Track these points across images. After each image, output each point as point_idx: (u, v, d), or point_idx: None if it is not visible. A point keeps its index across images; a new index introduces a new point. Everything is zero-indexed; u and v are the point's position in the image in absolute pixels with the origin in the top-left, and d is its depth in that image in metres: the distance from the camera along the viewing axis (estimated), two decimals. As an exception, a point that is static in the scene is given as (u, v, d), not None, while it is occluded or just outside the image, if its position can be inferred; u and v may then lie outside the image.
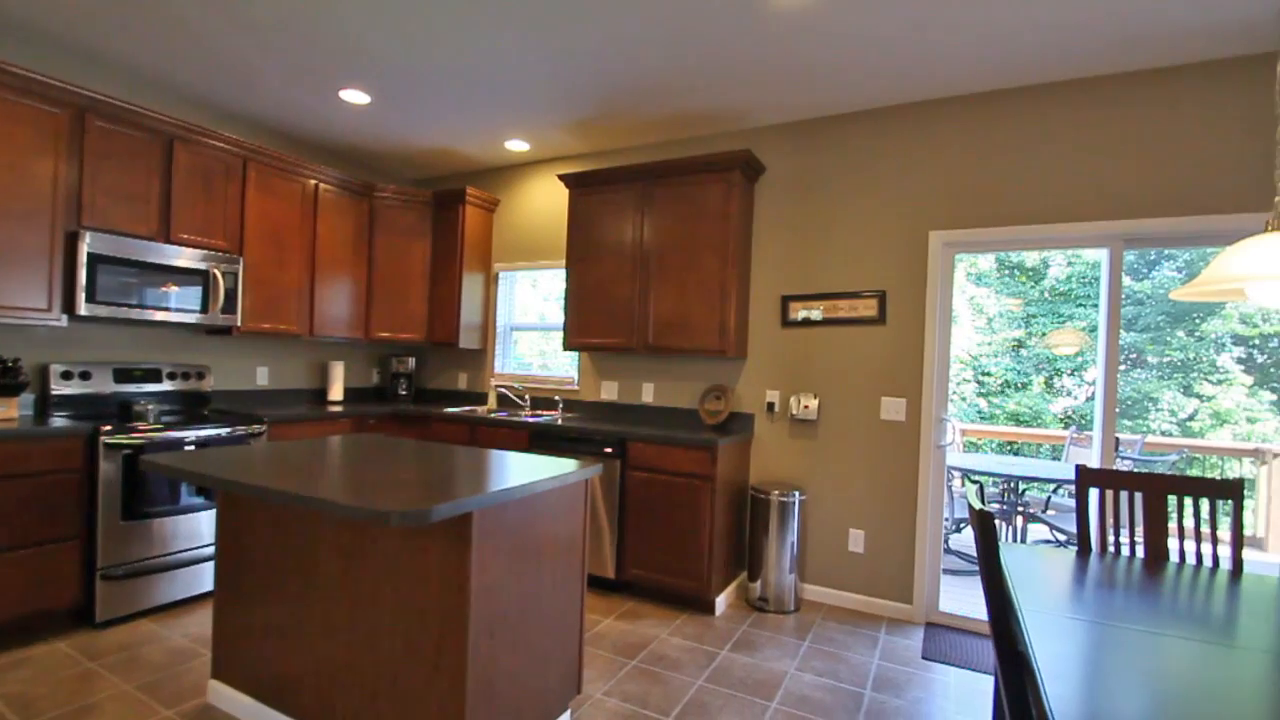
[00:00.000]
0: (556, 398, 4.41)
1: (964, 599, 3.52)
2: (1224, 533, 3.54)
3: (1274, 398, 6.96)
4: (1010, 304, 8.30)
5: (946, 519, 4.45)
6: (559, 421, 3.87)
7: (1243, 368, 7.21)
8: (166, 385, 3.58)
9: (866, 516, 3.47)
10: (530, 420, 3.85)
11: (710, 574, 3.24)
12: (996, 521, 1.91)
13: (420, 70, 3.27)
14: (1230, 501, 2.04)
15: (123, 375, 3.40)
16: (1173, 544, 2.14)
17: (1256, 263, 1.41)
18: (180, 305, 3.32)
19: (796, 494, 3.41)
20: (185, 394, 3.68)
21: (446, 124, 4.00)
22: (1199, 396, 7.32)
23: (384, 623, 1.91)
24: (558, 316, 4.61)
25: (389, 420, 4.30)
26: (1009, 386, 8.31)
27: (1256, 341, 7.18)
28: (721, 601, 3.37)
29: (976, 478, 4.65)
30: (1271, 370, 6.96)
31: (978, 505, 1.52)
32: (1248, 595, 1.67)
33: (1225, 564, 2.06)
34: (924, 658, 2.91)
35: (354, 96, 3.61)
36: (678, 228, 3.68)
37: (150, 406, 3.38)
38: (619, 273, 3.86)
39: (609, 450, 3.53)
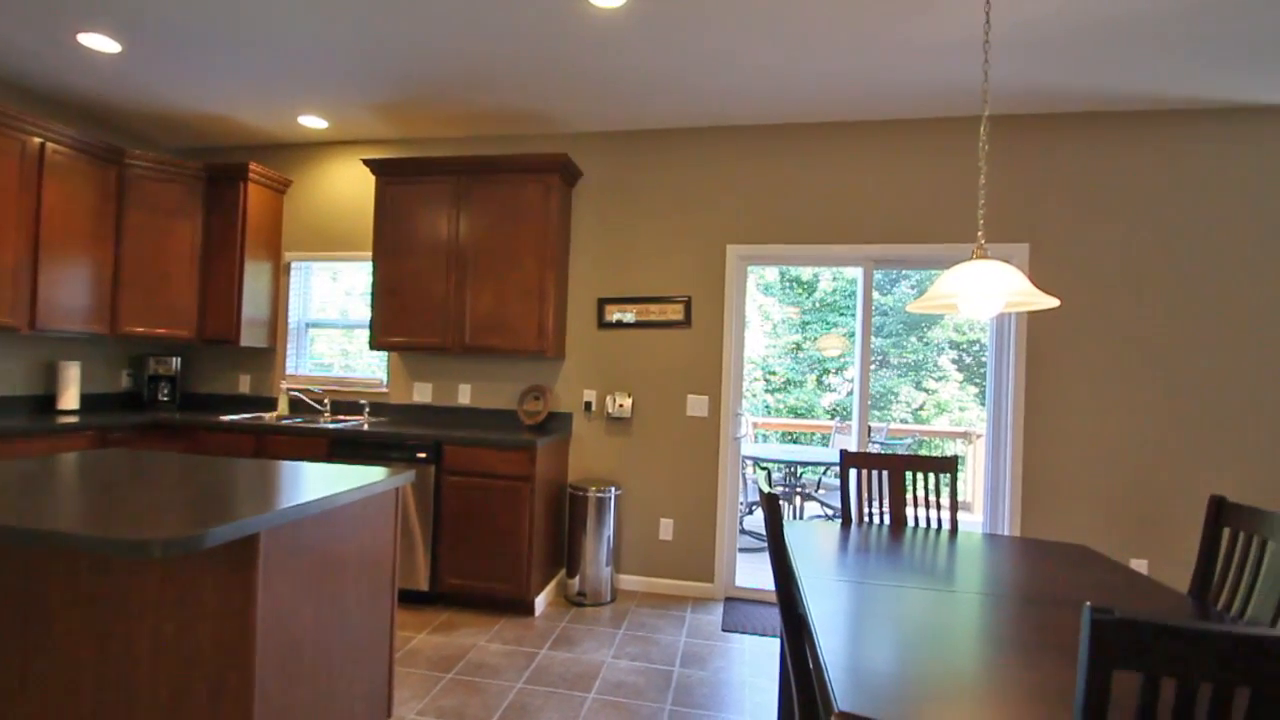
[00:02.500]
0: (362, 401, 4.09)
1: (756, 573, 3.96)
2: (944, 500, 4.42)
3: (977, 391, 8.82)
4: (790, 312, 9.48)
5: (741, 503, 4.97)
6: (365, 427, 3.59)
7: (956, 367, 9.04)
8: None
9: (675, 506, 3.75)
10: (331, 426, 3.53)
11: (530, 575, 3.26)
12: (781, 502, 2.18)
13: (186, 22, 2.82)
14: (949, 474, 2.58)
15: None
16: (910, 512, 2.64)
17: (964, 283, 1.81)
18: None
19: (613, 489, 3.57)
20: None
21: (223, 89, 3.50)
22: (926, 391, 9.03)
23: (143, 672, 1.64)
24: (363, 313, 4.27)
25: (146, 432, 3.64)
26: (790, 384, 9.49)
27: (965, 346, 9.05)
28: (541, 601, 3.41)
29: (765, 465, 5.25)
30: (976, 369, 8.82)
31: (766, 489, 1.75)
32: (962, 549, 2.13)
33: (946, 525, 2.60)
34: (724, 630, 3.23)
35: (98, 43, 3.00)
36: (496, 226, 3.63)
37: None
38: (433, 269, 3.70)
39: (422, 455, 3.37)
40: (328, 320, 4.38)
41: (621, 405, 3.74)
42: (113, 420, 3.46)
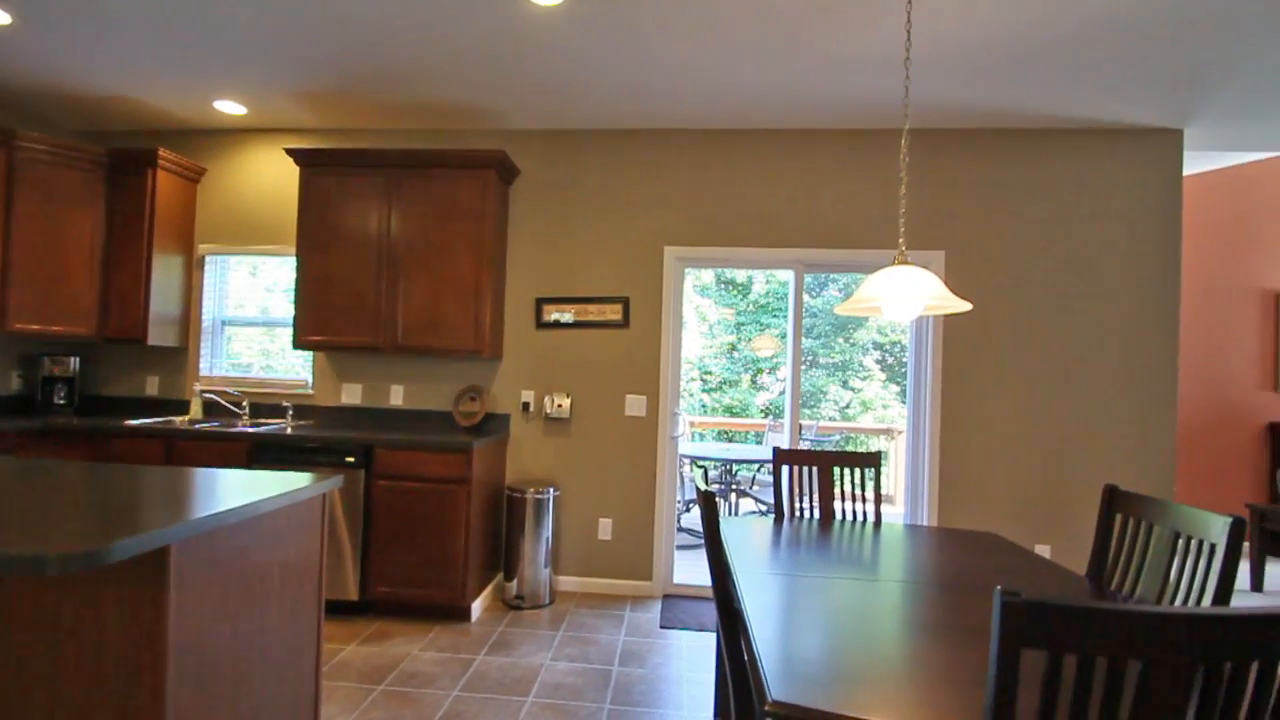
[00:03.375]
0: (285, 403, 3.89)
1: (694, 570, 4.03)
2: (869, 493, 4.63)
3: (899, 390, 9.27)
4: (726, 313, 9.68)
5: (679, 501, 5.04)
6: (288, 430, 3.42)
7: (879, 367, 9.47)
8: None
9: (614, 505, 3.76)
10: (250, 430, 3.34)
11: (466, 580, 3.19)
12: (717, 499, 2.23)
13: (92, -1, 2.62)
14: (873, 469, 2.70)
15: None
16: (838, 505, 2.75)
17: (886, 287, 1.91)
18: None
19: (551, 490, 3.55)
20: None
21: (130, 67, 3.25)
22: (853, 390, 9.42)
23: (40, 697, 1.51)
24: (286, 310, 4.07)
25: (39, 438, 3.34)
26: (725, 383, 9.68)
27: (887, 347, 9.49)
28: (478, 606, 3.35)
29: (702, 463, 5.34)
30: (897, 369, 9.27)
31: (703, 487, 1.79)
32: (885, 540, 2.24)
33: (871, 517, 2.73)
34: (662, 627, 3.27)
35: (-20, 12, 2.74)
36: (430, 222, 3.53)
37: None
38: (363, 265, 3.56)
39: (351, 459, 3.24)
40: (246, 318, 4.14)
41: (560, 406, 3.72)
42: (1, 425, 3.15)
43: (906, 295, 1.83)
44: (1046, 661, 0.88)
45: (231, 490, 1.83)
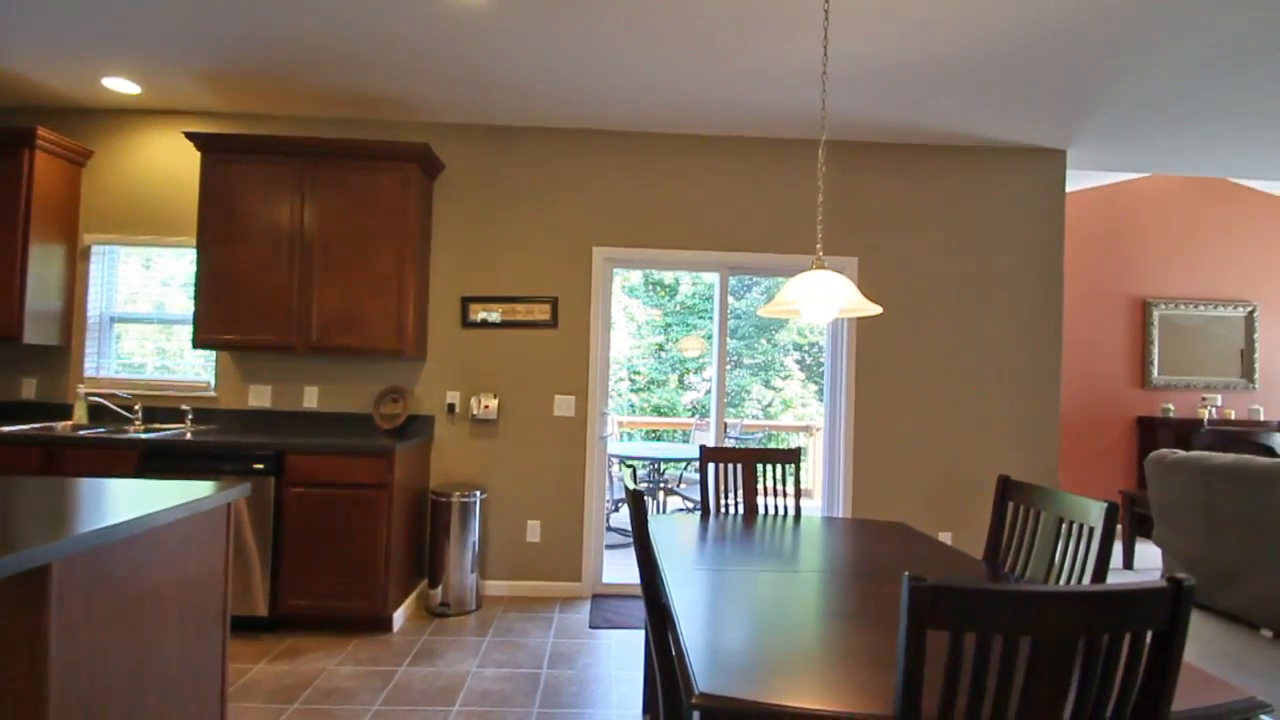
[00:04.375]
0: (184, 407, 3.61)
1: (623, 569, 4.05)
2: (790, 488, 4.81)
3: (817, 388, 9.67)
4: (654, 314, 9.79)
5: (608, 500, 5.05)
6: (188, 436, 3.19)
7: (799, 367, 9.85)
8: None
9: (542, 507, 3.73)
10: (144, 436, 3.09)
11: (387, 589, 3.07)
12: (646, 498, 2.26)
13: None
14: (793, 465, 2.81)
15: None
16: (761, 501, 2.84)
17: (805, 291, 1.99)
18: None
19: (478, 493, 3.47)
20: None
21: (2, 36, 2.93)
22: (774, 389, 9.74)
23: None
24: (185, 306, 3.78)
25: (-119, 449, 2.95)
26: (653, 383, 9.79)
27: (806, 348, 9.89)
28: (400, 615, 3.23)
29: (630, 462, 5.38)
30: (816, 369, 9.67)
31: (632, 486, 1.81)
32: (804, 532, 2.34)
33: (791, 511, 2.84)
34: (591, 627, 3.27)
35: None
36: (348, 215, 3.38)
37: None
38: (273, 259, 3.37)
39: (260, 466, 3.05)
40: (139, 314, 3.82)
41: (487, 406, 3.65)
42: None
43: (823, 299, 1.92)
44: (949, 640, 0.96)
45: (123, 502, 1.69)
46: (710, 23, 2.61)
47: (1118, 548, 4.78)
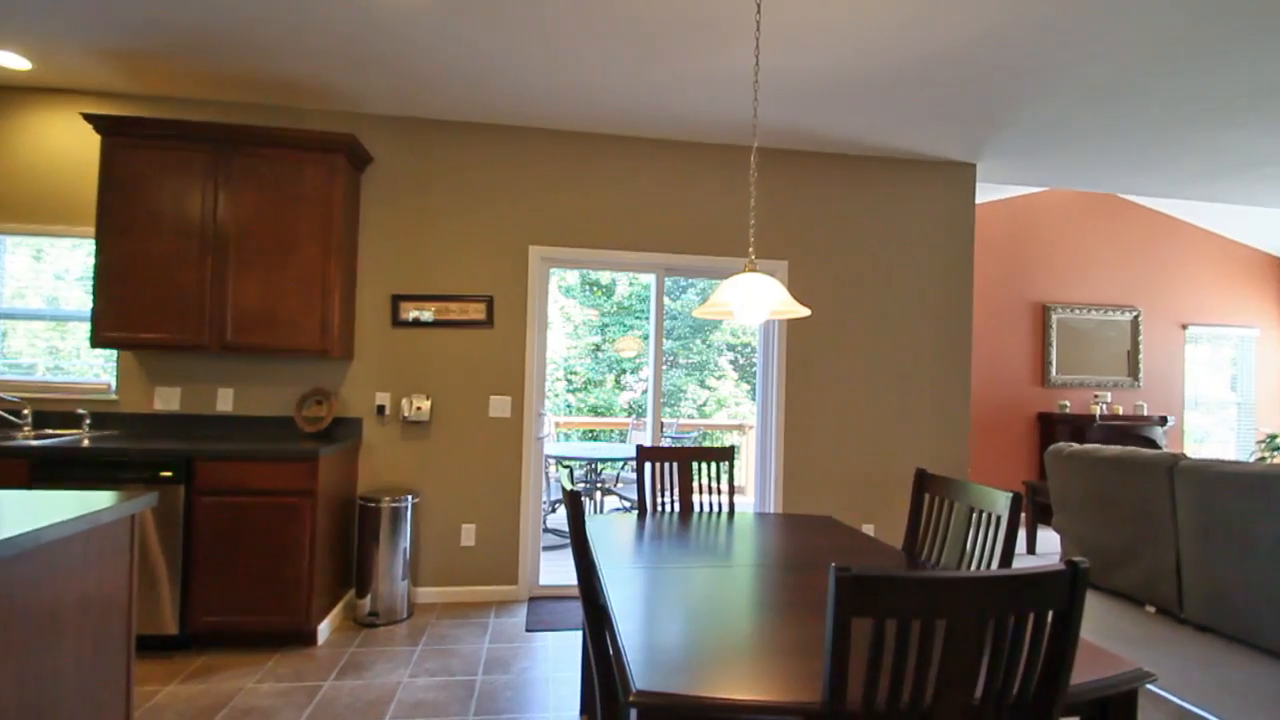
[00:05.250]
0: (81, 410, 3.32)
1: (560, 570, 4.03)
2: (724, 485, 4.91)
3: (749, 388, 9.92)
4: (590, 314, 9.77)
5: (545, 502, 5.00)
6: (85, 443, 2.94)
7: (733, 367, 10.08)
8: None
9: (477, 510, 3.66)
10: (34, 444, 2.83)
11: (311, 601, 2.94)
12: (583, 498, 2.26)
13: None
14: (727, 463, 2.88)
15: None
16: (696, 498, 2.90)
17: (738, 293, 2.05)
18: None
19: (409, 498, 3.37)
20: None
21: None
22: (709, 389, 9.93)
23: None
24: (82, 301, 3.48)
25: None
26: (590, 384, 9.77)
27: (739, 348, 10.12)
28: (325, 628, 3.09)
29: (567, 463, 5.35)
30: (748, 369, 9.92)
31: (569, 486, 1.81)
32: (738, 528, 2.41)
33: (725, 508, 2.90)
34: (528, 630, 3.24)
35: None
36: (268, 207, 3.21)
37: None
38: (183, 252, 3.15)
39: (168, 474, 2.85)
40: (28, 310, 3.49)
41: (419, 408, 3.55)
42: None
43: (756, 301, 1.98)
44: (872, 626, 1.01)
45: (9, 514, 1.55)
46: (646, 24, 2.64)
47: (1022, 534, 5.15)
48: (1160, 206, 6.47)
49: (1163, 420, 6.18)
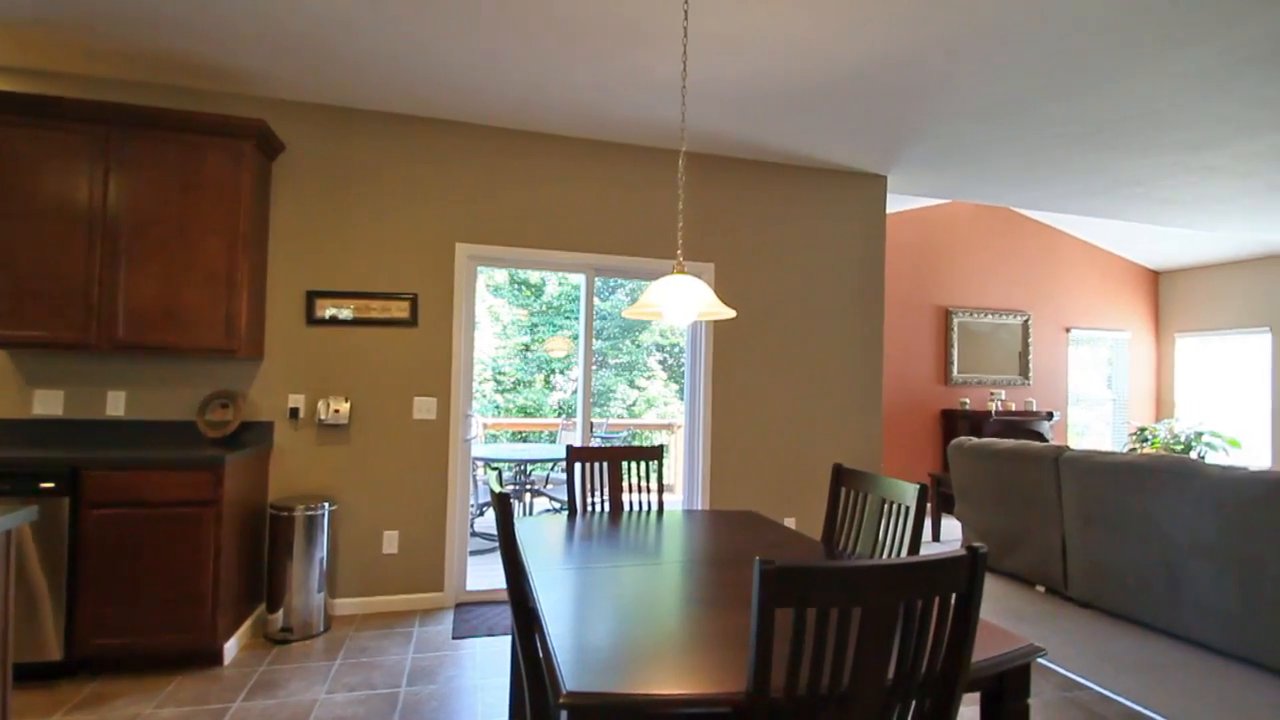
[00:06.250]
0: (-64, 418, 2.97)
1: (488, 574, 3.96)
2: (653, 484, 4.95)
3: (678, 388, 10.07)
4: (519, 314, 9.62)
5: (472, 505, 4.89)
6: (-56, 453, 2.63)
7: (661, 367, 10.20)
8: None
9: (400, 516, 3.53)
10: (-122, 455, 2.50)
11: (215, 619, 2.75)
12: (512, 500, 2.24)
13: None
14: (656, 462, 2.93)
15: None
16: (626, 497, 2.92)
17: (666, 294, 2.09)
18: None
19: (326, 505, 3.22)
20: None
21: None
22: (638, 389, 10.01)
23: None
24: (-63, 297, 3.10)
25: None
26: (519, 384, 9.62)
27: (668, 349, 10.26)
28: (232, 646, 2.90)
29: (496, 465, 5.25)
30: (676, 369, 10.07)
31: (497, 489, 1.79)
32: (666, 525, 2.45)
33: (655, 506, 2.95)
34: (454, 637, 3.16)
35: None
36: (167, 195, 2.98)
37: None
38: (66, 241, 2.88)
39: (49, 485, 2.60)
40: None
41: (337, 411, 3.39)
42: None
43: (683, 302, 2.02)
44: (794, 616, 1.06)
45: None
46: (572, 24, 2.63)
47: (928, 523, 5.50)
48: (1049, 220, 7.08)
49: (1049, 415, 6.76)
